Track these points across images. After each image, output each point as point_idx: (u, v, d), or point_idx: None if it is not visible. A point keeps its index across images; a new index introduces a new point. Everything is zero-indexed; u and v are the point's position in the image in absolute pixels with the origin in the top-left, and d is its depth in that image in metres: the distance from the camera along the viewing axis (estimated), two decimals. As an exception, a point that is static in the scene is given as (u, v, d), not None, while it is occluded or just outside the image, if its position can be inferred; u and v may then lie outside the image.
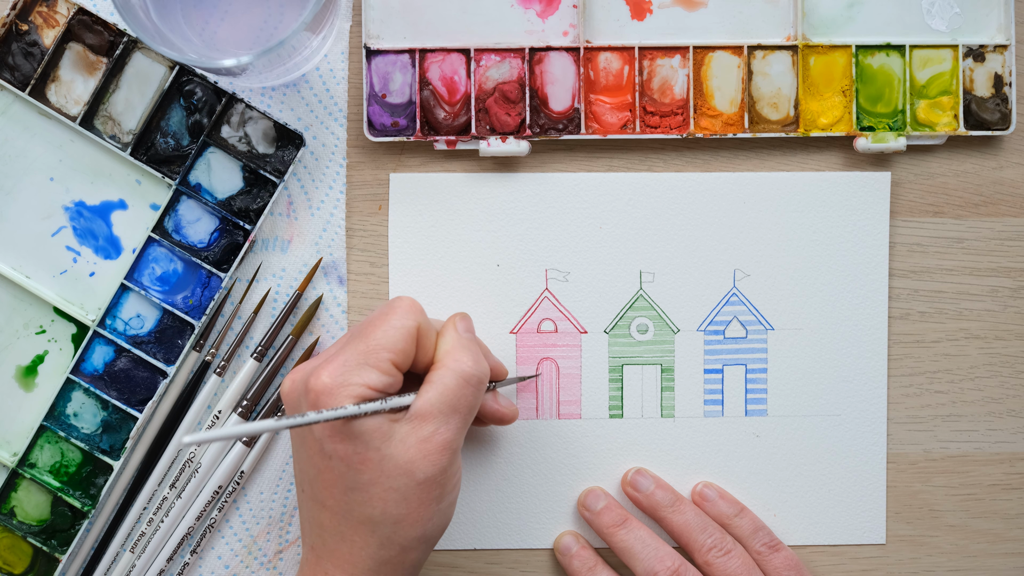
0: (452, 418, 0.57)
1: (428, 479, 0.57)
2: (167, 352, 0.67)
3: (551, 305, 0.69)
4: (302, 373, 0.58)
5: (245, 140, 0.67)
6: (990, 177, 0.70)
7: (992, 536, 0.70)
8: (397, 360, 0.58)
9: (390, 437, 0.56)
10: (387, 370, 0.57)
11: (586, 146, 0.69)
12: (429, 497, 0.57)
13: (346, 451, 0.56)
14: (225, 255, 0.67)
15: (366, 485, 0.56)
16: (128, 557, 0.68)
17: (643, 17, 0.68)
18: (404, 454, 0.56)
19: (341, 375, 0.56)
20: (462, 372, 0.58)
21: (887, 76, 0.68)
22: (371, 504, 0.57)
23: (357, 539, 0.57)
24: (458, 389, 0.58)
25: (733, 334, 0.69)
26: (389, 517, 0.57)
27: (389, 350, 0.57)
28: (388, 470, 0.56)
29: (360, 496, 0.57)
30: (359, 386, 0.56)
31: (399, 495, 0.56)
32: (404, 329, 0.58)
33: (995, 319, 0.70)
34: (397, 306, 0.59)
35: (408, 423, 0.57)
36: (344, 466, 0.57)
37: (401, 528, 0.57)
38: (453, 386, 0.58)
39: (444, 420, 0.57)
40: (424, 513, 0.57)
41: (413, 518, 0.57)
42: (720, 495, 0.68)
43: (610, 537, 0.67)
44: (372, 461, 0.56)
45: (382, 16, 0.68)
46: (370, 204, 0.69)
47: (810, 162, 0.69)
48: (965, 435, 0.70)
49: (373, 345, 0.57)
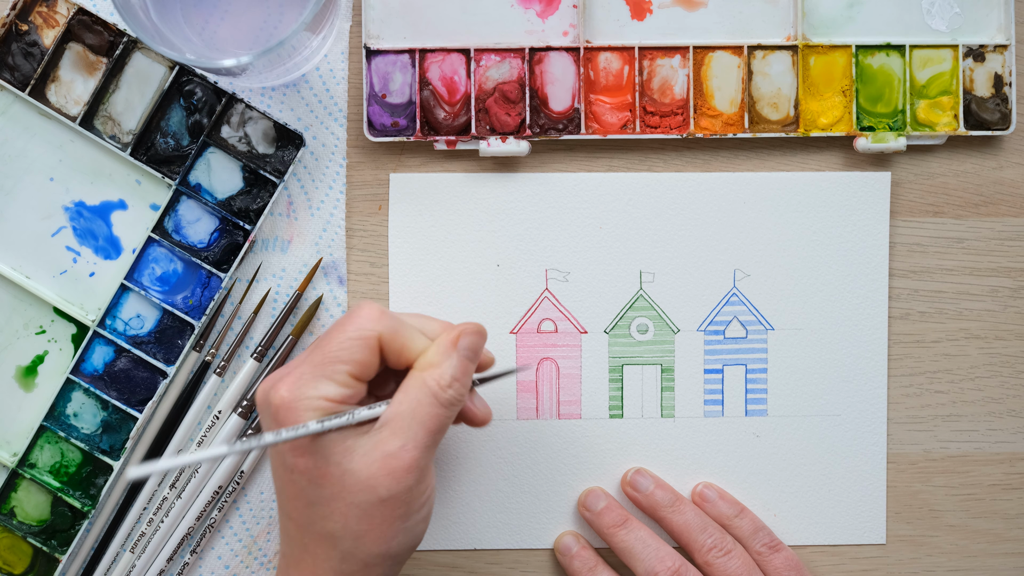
0: (420, 435, 0.55)
1: (392, 497, 0.55)
2: (167, 352, 0.67)
3: (551, 305, 0.69)
4: (267, 383, 0.57)
5: (245, 140, 0.67)
6: (990, 177, 0.70)
7: (992, 536, 0.70)
8: (355, 371, 0.56)
9: (352, 451, 0.55)
10: (344, 382, 0.55)
11: (586, 146, 0.69)
12: (393, 515, 0.55)
13: (307, 465, 0.55)
14: (225, 255, 0.67)
15: (327, 500, 0.55)
16: (128, 557, 0.68)
17: (643, 17, 0.68)
18: (366, 470, 0.54)
19: (298, 389, 0.55)
20: (437, 390, 0.56)
21: (887, 76, 0.68)
22: (332, 519, 0.55)
23: (319, 552, 0.56)
24: (430, 407, 0.56)
25: (733, 334, 0.69)
26: (350, 532, 0.55)
27: (345, 362, 0.55)
28: (349, 485, 0.54)
29: (321, 511, 0.55)
30: (317, 399, 0.55)
31: (360, 511, 0.55)
32: (361, 340, 0.56)
33: (995, 319, 0.70)
34: (356, 315, 0.57)
35: (373, 436, 0.55)
36: (305, 480, 0.55)
37: (363, 544, 0.55)
38: (426, 403, 0.55)
39: (412, 436, 0.55)
40: (388, 531, 0.55)
41: (376, 535, 0.55)
42: (720, 495, 0.68)
43: (610, 537, 0.67)
44: (333, 476, 0.54)
45: (382, 16, 0.68)
46: (370, 204, 0.69)
47: (810, 162, 0.69)
48: (965, 435, 0.70)
49: (329, 357, 0.55)
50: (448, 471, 0.68)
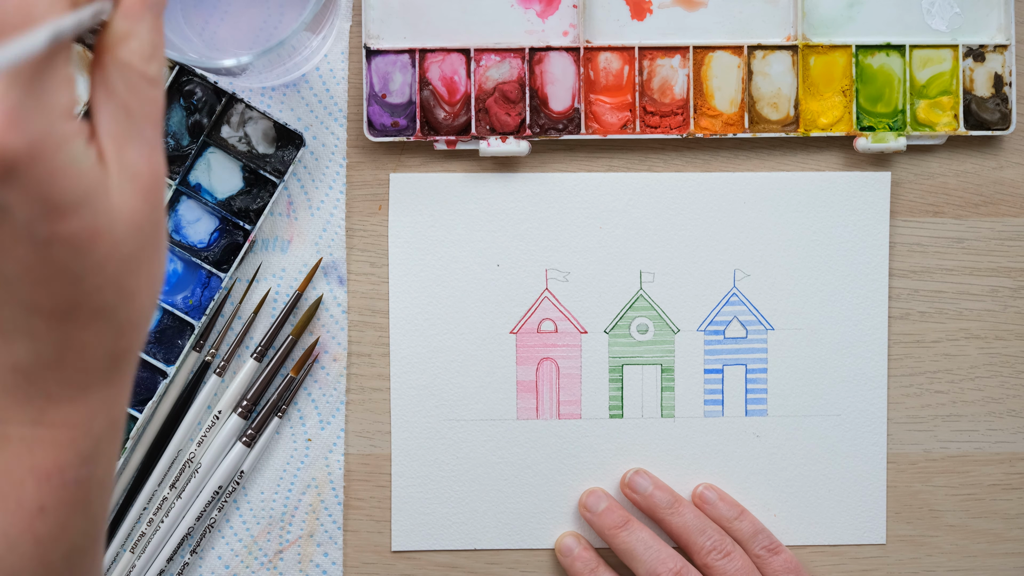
0: (151, 134, 0.43)
1: (153, 228, 0.43)
2: (167, 352, 0.67)
3: (551, 305, 0.69)
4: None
5: (245, 140, 0.67)
6: (990, 177, 0.70)
7: (992, 536, 0.70)
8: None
9: (108, 188, 0.41)
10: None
11: (586, 146, 0.69)
12: (155, 252, 0.44)
13: (71, 229, 0.40)
14: (225, 255, 0.67)
15: (99, 265, 0.42)
16: (128, 557, 0.68)
17: (643, 17, 0.68)
18: (125, 205, 0.42)
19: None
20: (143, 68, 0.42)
21: (887, 76, 0.68)
22: (105, 289, 0.42)
23: (89, 339, 0.43)
24: (146, 91, 0.42)
25: (733, 334, 0.69)
26: (124, 294, 0.43)
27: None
28: (117, 234, 0.42)
29: (92, 282, 0.42)
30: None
31: (130, 262, 0.43)
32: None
33: (995, 319, 0.70)
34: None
35: (112, 162, 0.42)
36: (69, 250, 0.41)
37: (136, 303, 0.44)
38: (139, 89, 0.42)
39: (145, 141, 0.42)
40: (155, 274, 0.44)
41: (146, 285, 0.44)
42: (720, 497, 0.68)
43: (612, 539, 0.67)
44: (101, 230, 0.41)
45: (382, 16, 0.68)
46: (370, 204, 0.69)
47: (810, 162, 0.69)
48: (965, 435, 0.70)
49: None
50: (448, 471, 0.68)
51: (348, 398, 0.68)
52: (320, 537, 0.68)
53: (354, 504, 0.68)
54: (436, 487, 0.68)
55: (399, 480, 0.68)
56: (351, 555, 0.68)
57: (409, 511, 0.68)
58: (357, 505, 0.68)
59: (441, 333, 0.68)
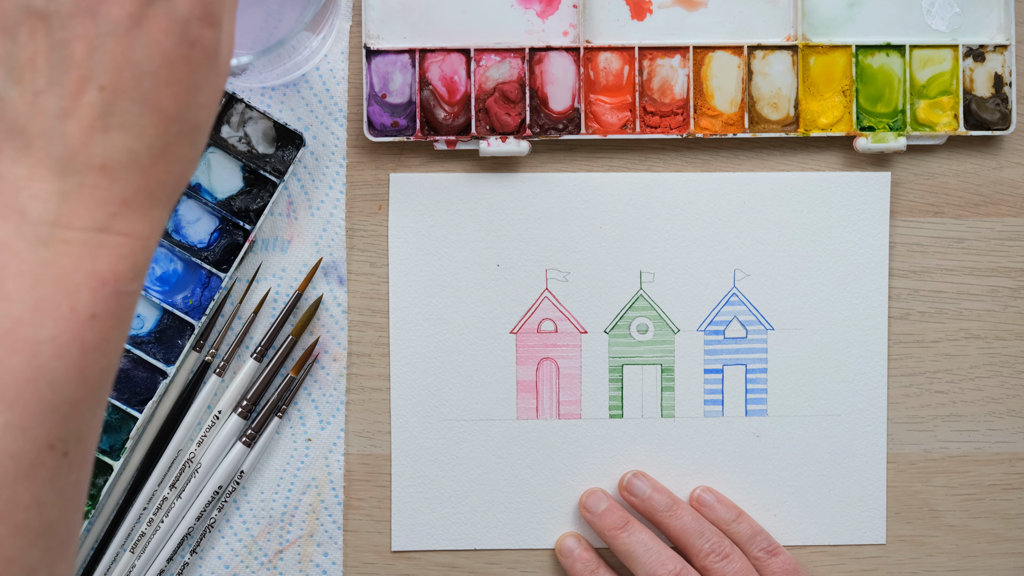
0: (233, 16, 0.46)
1: (226, 81, 0.46)
2: (167, 352, 0.67)
3: (551, 305, 0.69)
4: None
5: (245, 140, 0.67)
6: (990, 177, 0.70)
7: (992, 536, 0.70)
8: None
9: (223, 23, 0.45)
10: None
11: (586, 146, 0.69)
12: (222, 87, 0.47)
13: (212, 37, 0.44)
14: (225, 255, 0.67)
15: (209, 84, 0.45)
16: (128, 557, 0.68)
17: (643, 17, 0.68)
18: (226, 41, 0.46)
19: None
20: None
21: (887, 76, 0.68)
22: (207, 106, 0.45)
23: (179, 151, 0.45)
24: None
25: (733, 334, 0.69)
26: (210, 121, 0.46)
27: None
28: (221, 68, 0.45)
29: (202, 96, 0.45)
30: None
31: (218, 100, 0.46)
32: None
33: (995, 319, 0.70)
34: None
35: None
36: (203, 57, 0.44)
37: (206, 139, 0.46)
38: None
39: (231, 18, 0.46)
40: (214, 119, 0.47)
41: (214, 116, 0.47)
42: (718, 499, 0.68)
43: (612, 540, 0.67)
44: (220, 53, 0.45)
45: (382, 16, 0.68)
46: (370, 204, 0.69)
47: (810, 162, 0.69)
48: (965, 435, 0.70)
49: None
50: (448, 471, 0.68)
51: (348, 398, 0.69)
52: (320, 537, 0.68)
53: (354, 504, 0.69)
54: (436, 487, 0.68)
55: (399, 480, 0.68)
56: (351, 555, 0.68)
57: (409, 511, 0.68)
58: (357, 505, 0.69)
59: (441, 333, 0.68)
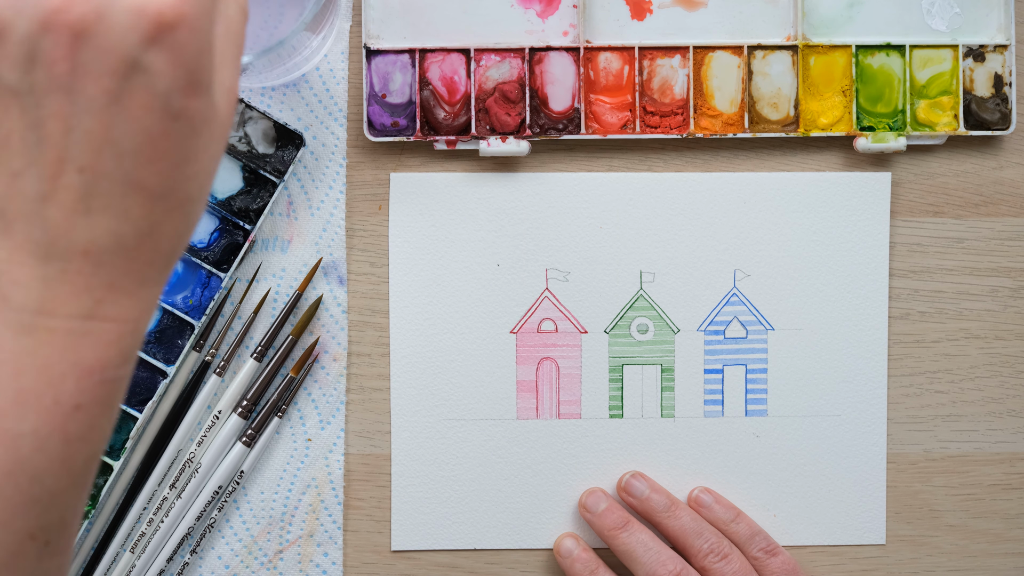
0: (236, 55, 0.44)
1: (228, 138, 0.44)
2: (167, 352, 0.67)
3: (551, 305, 0.69)
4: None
5: (245, 140, 0.67)
6: (990, 177, 0.70)
7: (992, 536, 0.70)
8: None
9: (213, 84, 0.42)
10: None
11: (586, 146, 0.69)
12: (220, 161, 0.45)
13: (200, 107, 0.41)
14: (225, 255, 0.67)
15: (200, 153, 0.42)
16: (128, 557, 0.68)
17: (643, 17, 0.68)
18: (224, 104, 0.43)
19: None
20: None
21: (887, 76, 0.68)
22: (198, 176, 0.43)
23: (168, 227, 0.43)
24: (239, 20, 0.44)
25: (733, 334, 0.69)
26: (204, 193, 0.44)
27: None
28: (216, 131, 0.43)
29: (192, 168, 0.42)
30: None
31: (216, 159, 0.44)
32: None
33: (995, 319, 0.70)
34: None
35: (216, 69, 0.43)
36: (189, 129, 0.41)
37: (203, 206, 0.44)
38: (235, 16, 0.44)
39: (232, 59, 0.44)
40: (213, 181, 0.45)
41: (209, 190, 0.45)
42: (716, 500, 0.68)
43: (611, 540, 0.67)
44: (210, 119, 0.42)
45: (382, 16, 0.68)
46: (370, 204, 0.69)
47: (810, 162, 0.69)
48: (965, 435, 0.70)
49: None
50: (448, 471, 0.68)
51: (348, 398, 0.69)
52: (320, 537, 0.68)
53: (354, 504, 0.69)
54: (436, 487, 0.68)
55: (399, 480, 0.68)
56: (351, 555, 0.68)
57: (409, 511, 0.68)
58: (357, 505, 0.69)
59: (441, 333, 0.68)
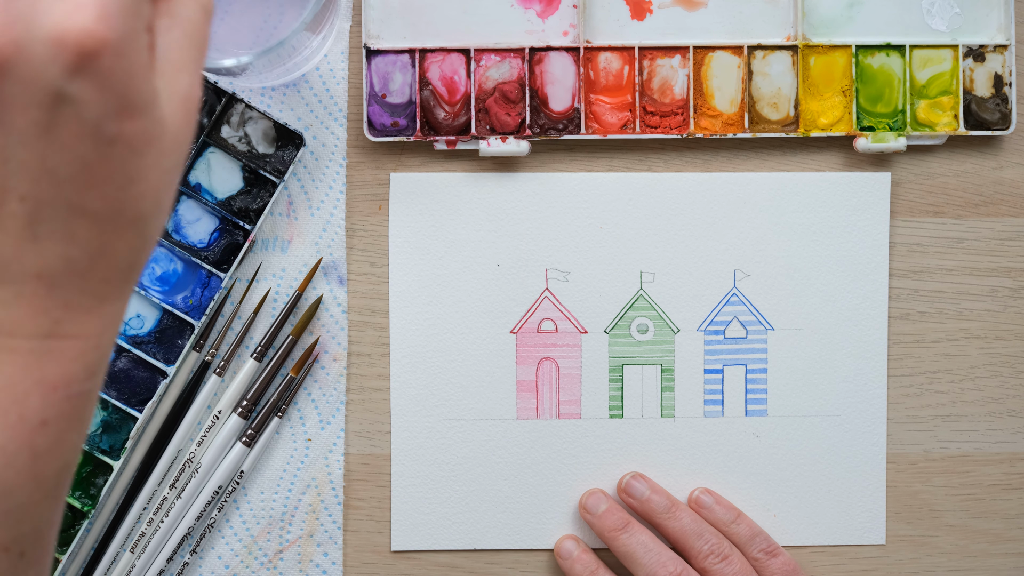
0: (199, 62, 0.44)
1: (186, 148, 0.43)
2: (167, 352, 0.67)
3: (551, 305, 0.69)
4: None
5: (245, 140, 0.67)
6: (990, 177, 0.70)
7: (992, 536, 0.70)
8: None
9: (158, 97, 0.42)
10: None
11: (586, 146, 0.69)
12: (179, 171, 0.44)
13: (137, 129, 0.41)
14: (225, 255, 0.67)
15: (147, 171, 0.42)
16: (128, 557, 0.68)
17: (643, 17, 0.68)
18: (173, 119, 0.42)
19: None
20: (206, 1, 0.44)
21: (887, 76, 0.68)
22: (147, 196, 0.42)
23: (121, 246, 0.42)
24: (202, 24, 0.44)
25: (733, 334, 0.69)
26: (158, 208, 0.43)
27: None
28: (166, 145, 0.42)
29: (138, 188, 0.42)
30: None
31: (168, 175, 0.43)
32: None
33: (995, 319, 0.70)
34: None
35: (163, 78, 0.42)
36: (128, 151, 0.41)
37: (161, 219, 0.44)
38: (198, 19, 0.43)
39: (194, 67, 0.43)
40: (173, 192, 0.44)
41: (168, 201, 0.44)
42: (717, 501, 0.68)
43: (612, 541, 0.67)
44: (155, 137, 0.42)
45: (382, 16, 0.68)
46: (370, 204, 0.69)
47: (810, 162, 0.69)
48: (965, 435, 0.70)
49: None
50: (448, 471, 0.68)
51: (348, 398, 0.69)
52: (320, 537, 0.68)
53: (354, 504, 0.69)
54: (436, 487, 0.68)
55: (399, 480, 0.68)
56: (351, 555, 0.68)
57: (409, 511, 0.68)
58: (357, 505, 0.69)
59: (441, 333, 0.68)
